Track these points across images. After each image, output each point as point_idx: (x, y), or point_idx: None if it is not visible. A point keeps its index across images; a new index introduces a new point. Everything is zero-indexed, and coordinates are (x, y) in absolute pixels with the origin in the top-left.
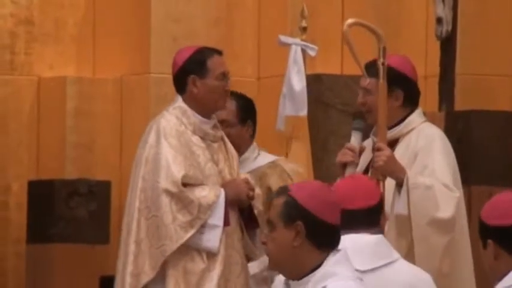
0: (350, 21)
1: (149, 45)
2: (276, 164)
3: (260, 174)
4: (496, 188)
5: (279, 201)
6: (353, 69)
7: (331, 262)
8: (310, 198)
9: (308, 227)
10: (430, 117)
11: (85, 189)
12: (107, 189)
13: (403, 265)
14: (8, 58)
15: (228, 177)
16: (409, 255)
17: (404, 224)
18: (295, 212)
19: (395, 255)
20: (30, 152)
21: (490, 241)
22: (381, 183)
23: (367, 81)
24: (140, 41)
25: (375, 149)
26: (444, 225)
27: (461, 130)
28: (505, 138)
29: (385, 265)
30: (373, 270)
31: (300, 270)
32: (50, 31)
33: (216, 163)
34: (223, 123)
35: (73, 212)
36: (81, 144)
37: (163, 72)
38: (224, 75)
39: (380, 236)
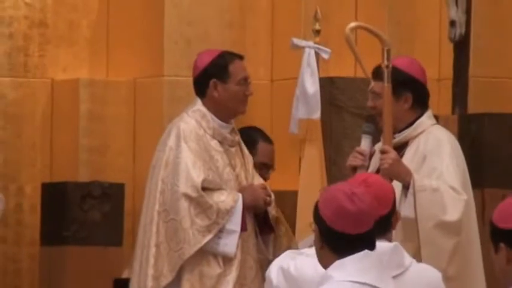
0: (352, 24)
1: (162, 48)
2: None
3: None
4: (510, 191)
5: None
6: None
7: (333, 266)
8: (325, 204)
9: (321, 232)
10: (443, 120)
11: (98, 192)
12: (121, 191)
13: (415, 272)
14: (21, 60)
15: (244, 181)
16: (416, 259)
17: (411, 226)
18: (314, 216)
19: (407, 261)
20: (43, 154)
21: (502, 245)
22: None
23: (372, 85)
24: (153, 44)
25: (380, 152)
26: (451, 228)
27: (475, 133)
28: None
29: (400, 274)
30: None
31: None
32: (64, 33)
33: (234, 168)
34: (265, 166)
35: (86, 215)
36: (94, 146)
37: (176, 74)
38: (245, 80)
39: (394, 244)
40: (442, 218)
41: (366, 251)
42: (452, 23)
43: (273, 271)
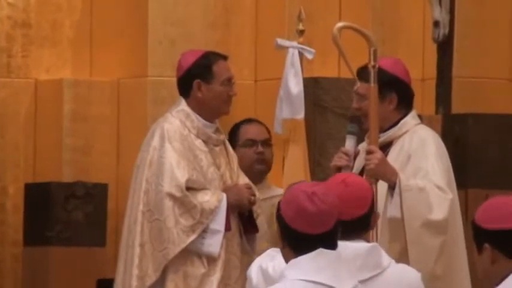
0: (339, 24)
1: (146, 48)
2: None
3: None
4: (493, 191)
5: None
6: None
7: (288, 265)
8: (286, 203)
9: (282, 231)
10: (427, 120)
11: (82, 192)
12: (104, 191)
13: (393, 273)
14: (4, 61)
15: (229, 181)
16: (402, 259)
17: (398, 226)
18: (276, 215)
19: (386, 262)
20: (26, 154)
21: (486, 245)
22: (373, 187)
23: (357, 86)
24: (137, 44)
25: (366, 152)
26: (437, 227)
27: (458, 133)
28: (501, 141)
29: (377, 275)
30: (361, 282)
31: None
32: (47, 34)
33: (218, 167)
34: (253, 142)
35: (70, 215)
36: (77, 147)
37: (160, 75)
38: (229, 81)
39: (371, 245)
40: (429, 217)
41: (321, 249)
42: (436, 24)
43: (254, 270)
